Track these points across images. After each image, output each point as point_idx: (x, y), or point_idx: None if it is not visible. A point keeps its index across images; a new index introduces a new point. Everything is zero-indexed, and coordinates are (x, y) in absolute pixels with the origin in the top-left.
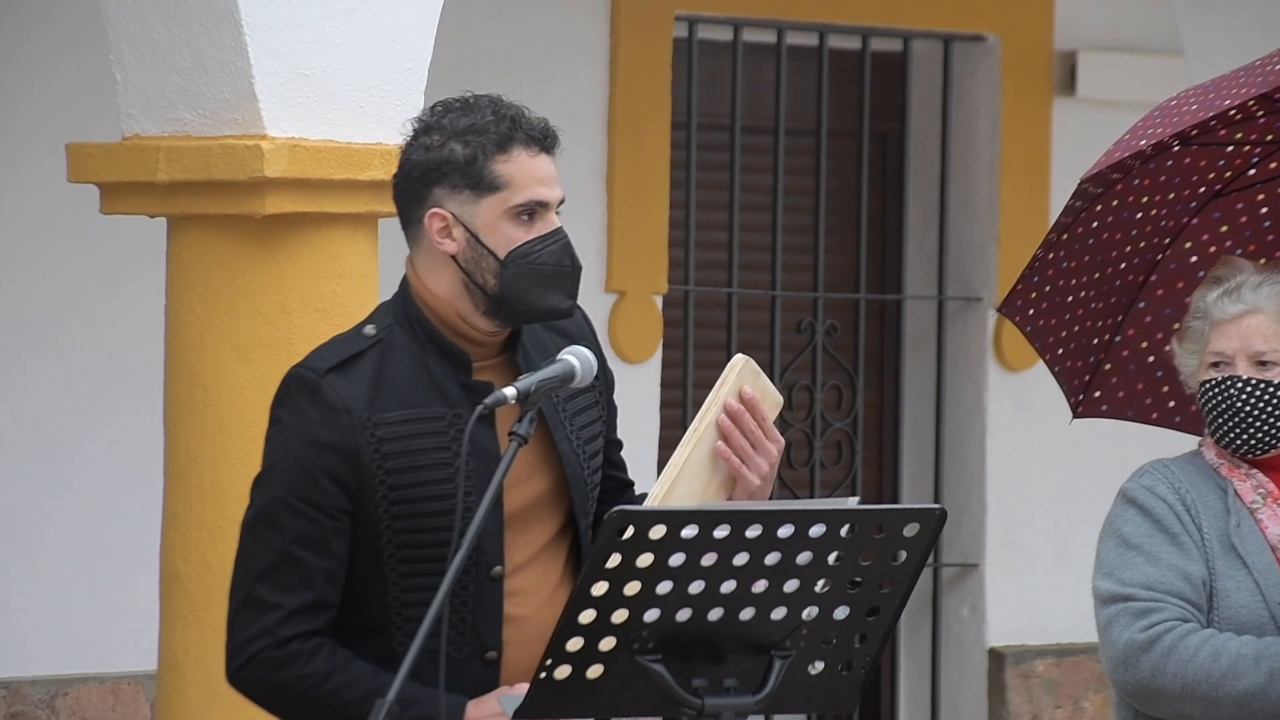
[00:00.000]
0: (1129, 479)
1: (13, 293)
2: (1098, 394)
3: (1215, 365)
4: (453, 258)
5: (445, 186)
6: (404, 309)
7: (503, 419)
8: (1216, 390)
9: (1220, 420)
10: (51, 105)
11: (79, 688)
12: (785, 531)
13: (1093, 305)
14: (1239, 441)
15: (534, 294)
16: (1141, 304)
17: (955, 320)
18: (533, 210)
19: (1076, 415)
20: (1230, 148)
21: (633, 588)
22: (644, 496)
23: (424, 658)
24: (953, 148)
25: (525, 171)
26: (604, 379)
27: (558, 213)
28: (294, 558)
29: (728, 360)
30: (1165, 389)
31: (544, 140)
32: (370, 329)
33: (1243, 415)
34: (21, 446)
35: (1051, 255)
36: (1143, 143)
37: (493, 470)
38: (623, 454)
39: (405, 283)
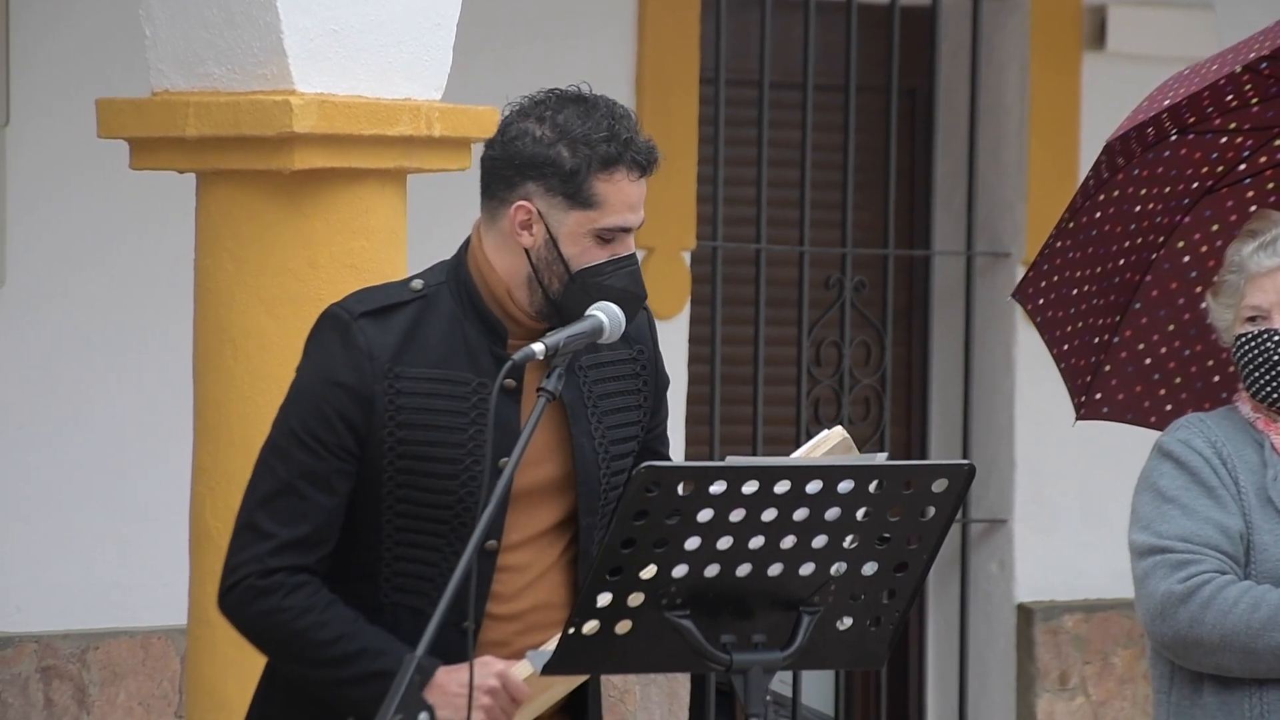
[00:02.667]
0: (1164, 433)
1: (39, 248)
2: (1099, 395)
3: (1251, 319)
4: (525, 250)
5: (541, 184)
6: (456, 271)
7: (527, 397)
8: (1253, 343)
9: (1256, 374)
10: (80, 60)
11: (109, 642)
12: (814, 487)
13: (1095, 301)
14: (1276, 394)
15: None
16: (1138, 305)
17: (984, 276)
18: (616, 234)
19: (1080, 417)
20: (1224, 138)
21: (661, 543)
22: None
23: (405, 615)
24: (982, 103)
25: (622, 196)
26: (655, 384)
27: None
28: (295, 490)
29: (757, 316)
30: (1162, 392)
31: (647, 166)
32: (418, 283)
33: (1279, 368)
34: (49, 401)
35: (1060, 243)
36: (1166, 102)
37: (510, 443)
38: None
39: (466, 244)
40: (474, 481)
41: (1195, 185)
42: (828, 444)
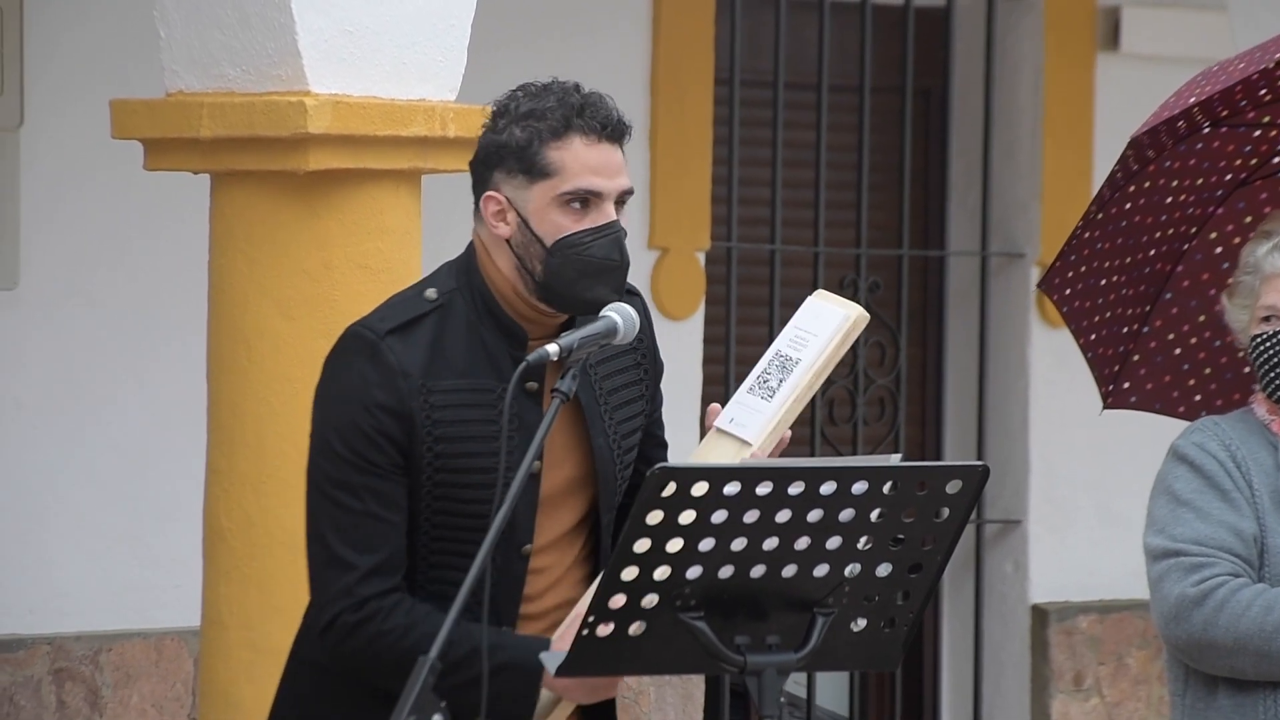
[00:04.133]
0: (1180, 436)
1: (53, 249)
2: (1126, 385)
3: (1266, 319)
4: (506, 241)
5: (503, 170)
6: (467, 276)
7: (548, 399)
8: (1268, 343)
9: (1272, 374)
10: (94, 61)
11: (122, 644)
12: (828, 488)
13: (1124, 291)
14: None
15: (579, 285)
16: (1168, 295)
17: (998, 277)
18: (585, 199)
19: (1106, 406)
20: (1258, 131)
21: (675, 544)
22: None
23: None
24: (996, 103)
25: (579, 159)
26: (654, 373)
27: (622, 204)
28: (368, 515)
29: (771, 317)
30: (1191, 382)
31: (605, 129)
32: (432, 292)
33: None
34: (62, 402)
35: (1088, 234)
36: (1192, 99)
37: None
38: (664, 430)
39: (472, 250)
40: (510, 481)
41: (1229, 177)
42: (856, 333)
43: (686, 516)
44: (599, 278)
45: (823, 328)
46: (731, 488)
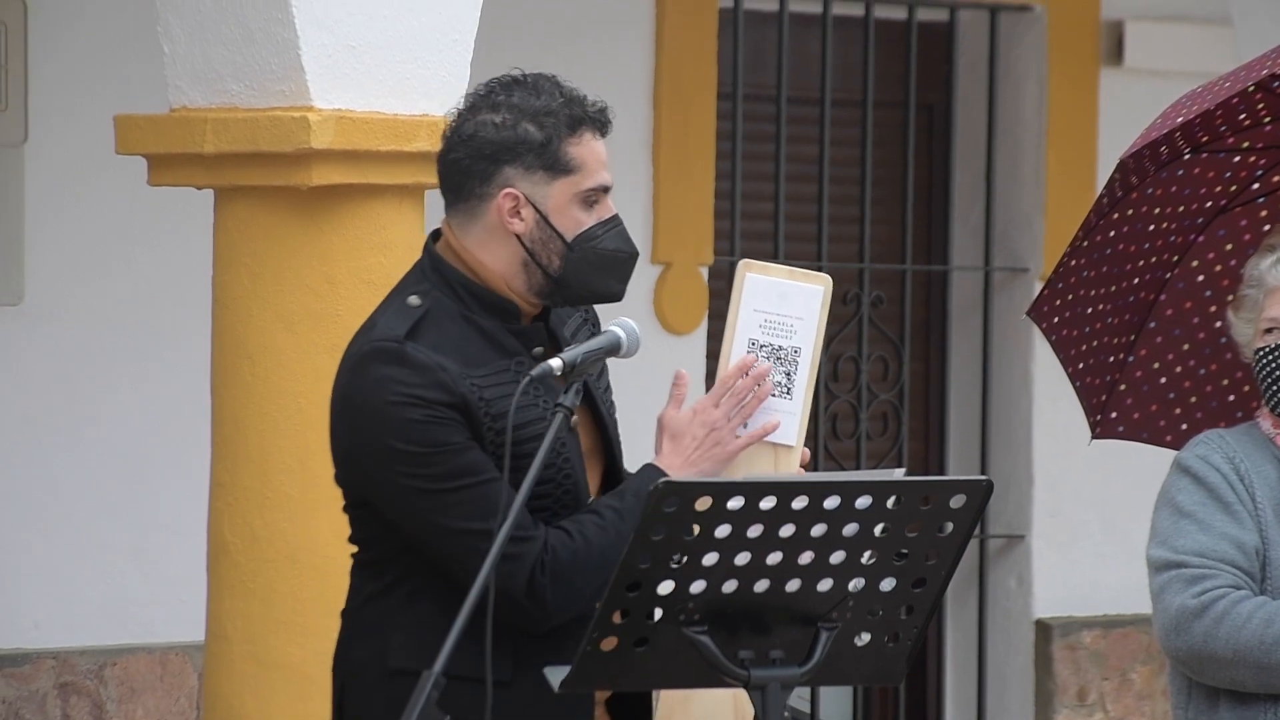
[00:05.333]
0: (1184, 449)
1: (57, 263)
2: (1114, 415)
3: (1270, 331)
4: (517, 236)
5: (519, 166)
6: (439, 274)
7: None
8: (1272, 356)
9: (1275, 387)
10: (98, 76)
11: (127, 658)
12: (831, 503)
13: (1109, 320)
14: None
15: (595, 278)
16: (1152, 324)
17: (1001, 291)
18: (598, 195)
19: (1095, 436)
20: (1237, 157)
21: (678, 559)
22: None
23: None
24: (999, 118)
25: (595, 156)
26: (595, 322)
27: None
28: (479, 486)
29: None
30: (1177, 411)
31: (605, 125)
32: (414, 299)
33: None
34: (67, 416)
35: (1074, 262)
36: (1179, 119)
37: (575, 444)
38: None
39: (431, 252)
40: (564, 447)
41: (1209, 204)
42: (825, 306)
43: (690, 531)
44: (613, 269)
45: (804, 309)
46: (735, 502)
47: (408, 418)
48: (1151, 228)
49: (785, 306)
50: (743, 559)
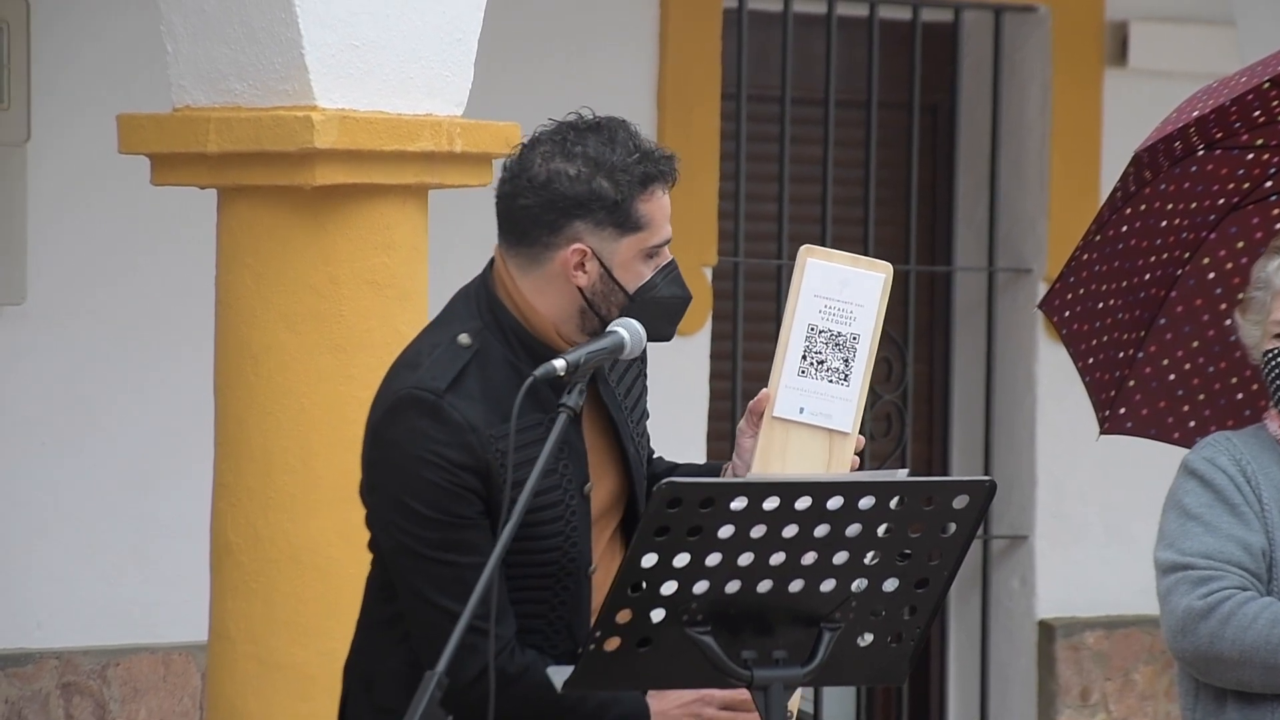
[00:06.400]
0: (1191, 451)
1: (60, 263)
2: (1122, 410)
3: (1278, 335)
4: (579, 288)
5: (589, 221)
6: (493, 314)
7: (587, 417)
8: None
9: None
10: (101, 76)
11: (130, 658)
12: (834, 503)
13: (1120, 315)
14: None
15: (651, 326)
16: (1163, 320)
17: (1005, 292)
18: (662, 249)
19: (1103, 431)
20: (1251, 154)
21: (682, 559)
22: (674, 467)
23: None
24: (1003, 119)
25: (663, 211)
26: (645, 374)
27: None
28: (472, 569)
29: (778, 330)
30: (1186, 408)
31: (673, 177)
32: (465, 338)
33: None
34: (70, 417)
35: (1086, 256)
36: (1194, 114)
37: (582, 470)
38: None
39: (491, 284)
40: (573, 515)
41: (1221, 201)
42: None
43: (693, 531)
44: (670, 315)
45: (865, 296)
46: (738, 503)
47: (427, 478)
48: (1164, 224)
49: (846, 293)
50: (746, 559)
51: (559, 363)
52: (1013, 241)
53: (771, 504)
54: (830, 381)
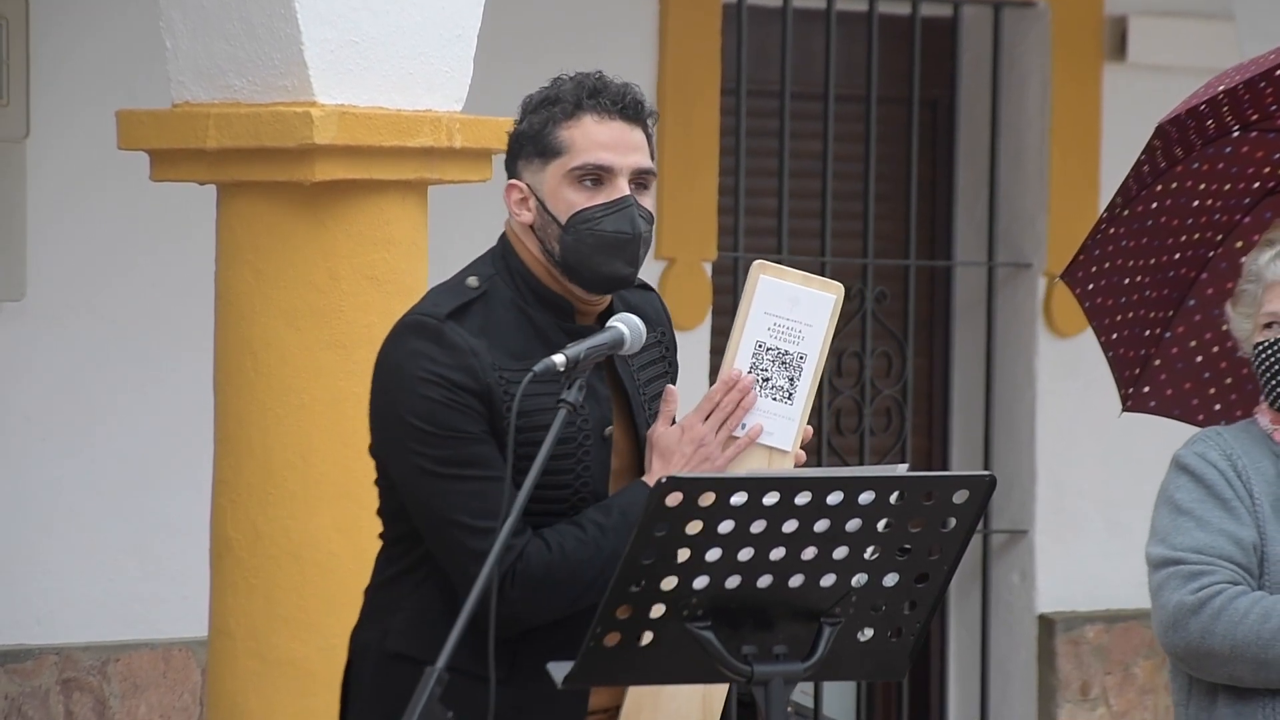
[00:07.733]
0: (1182, 446)
1: (60, 260)
2: (1146, 389)
3: (1269, 326)
4: (530, 227)
5: (523, 159)
6: (505, 261)
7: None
8: (1270, 351)
9: (1275, 381)
10: (100, 72)
11: (130, 654)
12: (834, 498)
13: (1148, 293)
14: None
15: (595, 260)
16: (1192, 301)
17: (1005, 287)
18: (596, 176)
19: (1126, 409)
20: None
21: (682, 555)
22: None
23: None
24: (1003, 114)
25: (588, 136)
26: (674, 364)
27: (643, 185)
28: (485, 481)
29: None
30: (1211, 391)
31: (618, 107)
32: (473, 280)
33: None
34: (70, 413)
35: (1113, 230)
36: (1221, 87)
37: (606, 414)
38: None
39: (505, 238)
40: (588, 456)
41: (1256, 185)
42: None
43: (693, 527)
44: (613, 252)
45: (814, 316)
46: (738, 498)
47: (428, 395)
48: (1196, 203)
49: (796, 312)
50: (746, 554)
51: (558, 358)
52: (1012, 236)
53: (772, 499)
54: (774, 399)
